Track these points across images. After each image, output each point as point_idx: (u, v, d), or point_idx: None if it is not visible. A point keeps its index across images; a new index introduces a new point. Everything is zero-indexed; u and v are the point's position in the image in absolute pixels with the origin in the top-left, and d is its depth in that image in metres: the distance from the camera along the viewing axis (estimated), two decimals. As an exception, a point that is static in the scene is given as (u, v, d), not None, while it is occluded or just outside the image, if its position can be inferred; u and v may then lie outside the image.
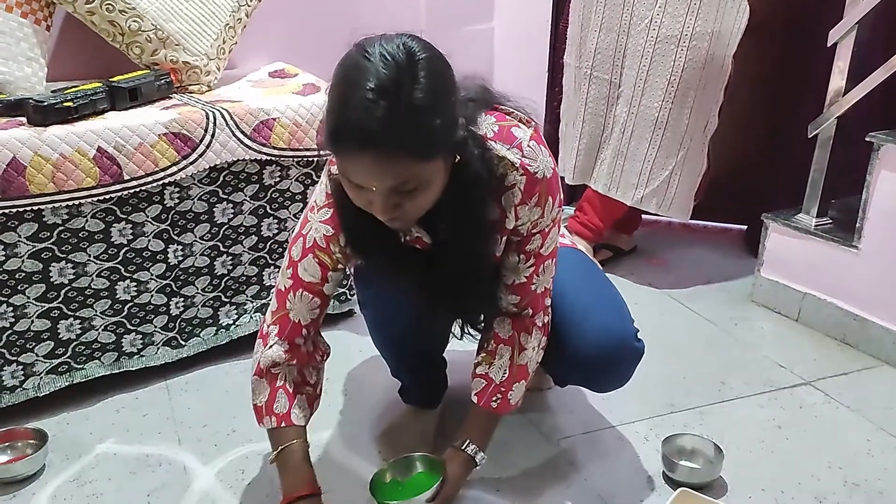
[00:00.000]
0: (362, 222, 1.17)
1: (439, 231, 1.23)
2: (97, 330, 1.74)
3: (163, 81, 1.85)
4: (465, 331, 1.45)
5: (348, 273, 1.43)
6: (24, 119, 1.60)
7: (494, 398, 1.40)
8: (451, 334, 1.56)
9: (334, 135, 1.04)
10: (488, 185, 1.19)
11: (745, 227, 2.70)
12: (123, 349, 1.79)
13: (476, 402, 1.42)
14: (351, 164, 1.06)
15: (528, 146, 1.21)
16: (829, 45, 2.01)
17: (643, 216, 2.62)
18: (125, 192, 1.66)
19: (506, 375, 1.40)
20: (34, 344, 1.67)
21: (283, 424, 1.32)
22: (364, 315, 1.54)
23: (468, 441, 1.40)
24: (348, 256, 1.31)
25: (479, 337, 1.47)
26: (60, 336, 1.69)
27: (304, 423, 1.35)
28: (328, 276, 1.32)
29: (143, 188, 1.68)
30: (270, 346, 1.34)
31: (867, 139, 1.93)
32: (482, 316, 1.43)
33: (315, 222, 1.30)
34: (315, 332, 1.41)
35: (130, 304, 1.76)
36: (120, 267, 1.72)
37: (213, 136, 1.73)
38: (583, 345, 1.41)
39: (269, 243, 1.93)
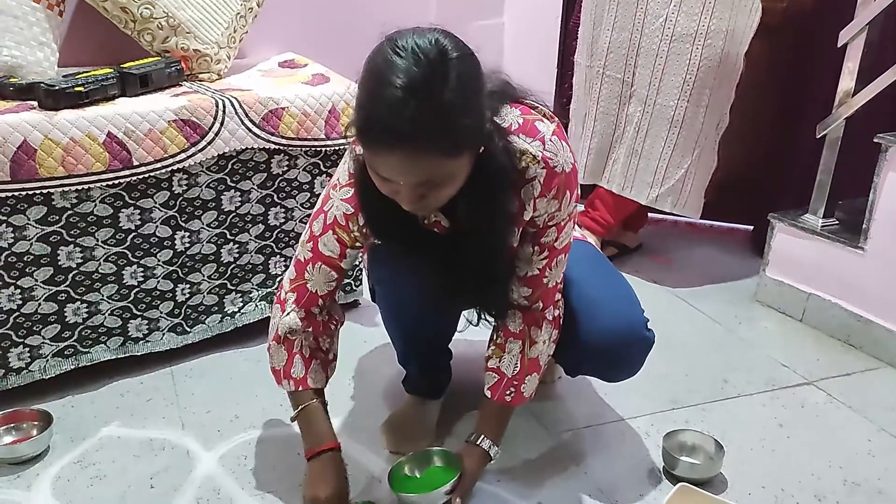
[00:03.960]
0: (382, 205, 1.18)
1: (458, 217, 1.24)
2: (104, 314, 1.75)
3: (173, 69, 1.86)
4: (482, 317, 1.46)
5: (362, 256, 1.46)
6: (35, 103, 1.62)
7: (508, 392, 1.42)
8: (459, 320, 1.58)
9: (364, 130, 1.06)
10: (509, 177, 1.20)
11: (752, 227, 2.69)
12: (129, 334, 1.80)
13: (489, 396, 1.44)
14: (380, 159, 1.07)
15: (551, 140, 1.23)
16: (839, 45, 2.01)
17: (649, 214, 2.62)
18: (134, 178, 1.67)
19: (517, 369, 1.41)
20: (41, 327, 1.68)
21: (300, 388, 1.40)
22: (377, 294, 1.56)
23: (483, 436, 1.43)
24: (366, 235, 1.33)
25: (492, 324, 1.47)
26: (67, 319, 1.71)
27: (321, 385, 1.43)
28: (346, 252, 1.36)
29: (151, 174, 1.69)
30: (288, 314, 1.39)
31: (875, 140, 1.93)
32: (495, 305, 1.44)
33: (336, 200, 1.33)
34: (330, 302, 1.45)
35: (137, 289, 1.77)
36: (127, 252, 1.73)
37: (222, 123, 1.74)
38: (593, 332, 1.43)
39: (275, 232, 1.93)
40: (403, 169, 1.05)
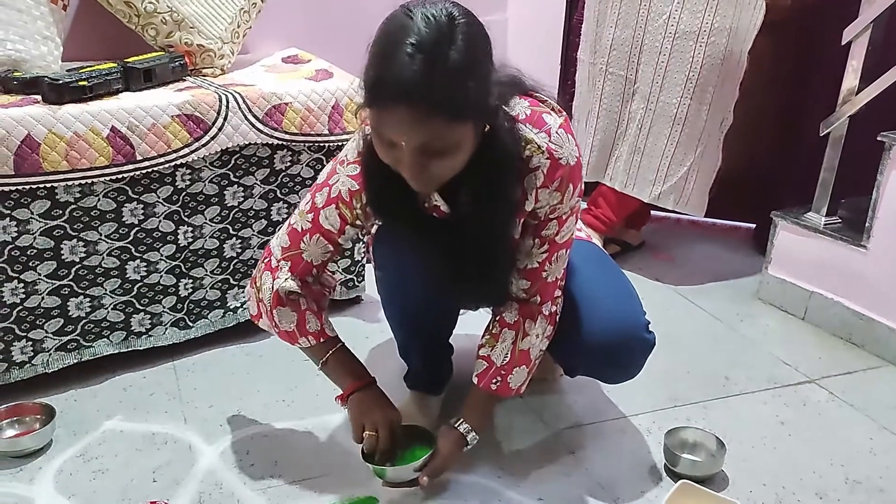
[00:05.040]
0: (386, 183, 1.21)
1: (459, 202, 1.25)
2: (106, 308, 1.75)
3: (177, 64, 1.86)
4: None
5: (362, 237, 1.47)
6: (39, 97, 1.62)
7: (494, 380, 1.43)
8: (459, 312, 1.58)
9: (372, 87, 1.08)
10: (513, 163, 1.21)
11: (754, 225, 2.69)
12: (132, 328, 1.80)
13: (476, 382, 1.45)
14: (385, 117, 1.09)
15: (557, 133, 1.24)
16: (843, 43, 2.00)
17: (652, 212, 2.62)
18: (137, 173, 1.67)
19: (507, 359, 1.42)
20: (44, 320, 1.68)
21: (321, 340, 1.44)
22: (379, 279, 1.55)
23: (462, 420, 1.44)
24: (368, 214, 1.34)
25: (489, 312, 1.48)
26: (70, 313, 1.71)
27: (337, 334, 1.47)
28: (345, 228, 1.37)
29: (155, 169, 1.69)
30: (285, 280, 1.40)
31: (878, 139, 1.92)
32: (494, 296, 1.44)
33: (342, 175, 1.34)
34: (322, 273, 1.47)
35: (140, 283, 1.77)
36: (130, 247, 1.73)
37: (225, 119, 1.74)
38: (592, 332, 1.43)
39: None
40: (408, 127, 1.07)
